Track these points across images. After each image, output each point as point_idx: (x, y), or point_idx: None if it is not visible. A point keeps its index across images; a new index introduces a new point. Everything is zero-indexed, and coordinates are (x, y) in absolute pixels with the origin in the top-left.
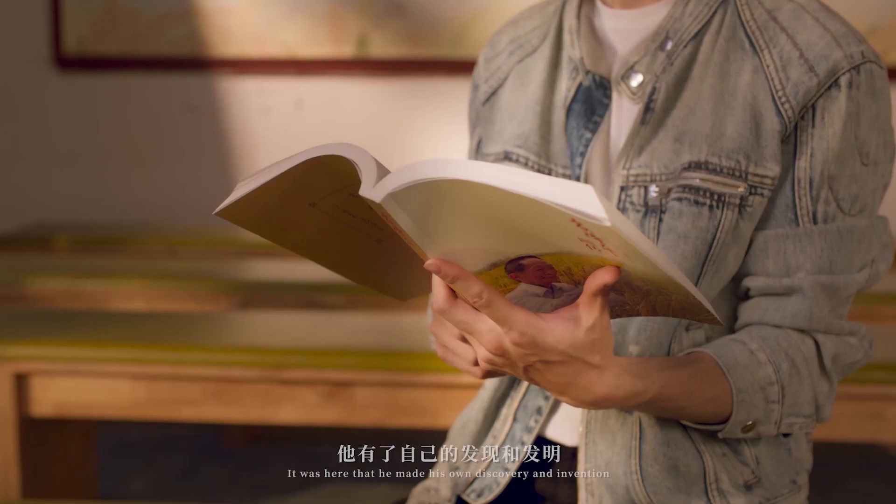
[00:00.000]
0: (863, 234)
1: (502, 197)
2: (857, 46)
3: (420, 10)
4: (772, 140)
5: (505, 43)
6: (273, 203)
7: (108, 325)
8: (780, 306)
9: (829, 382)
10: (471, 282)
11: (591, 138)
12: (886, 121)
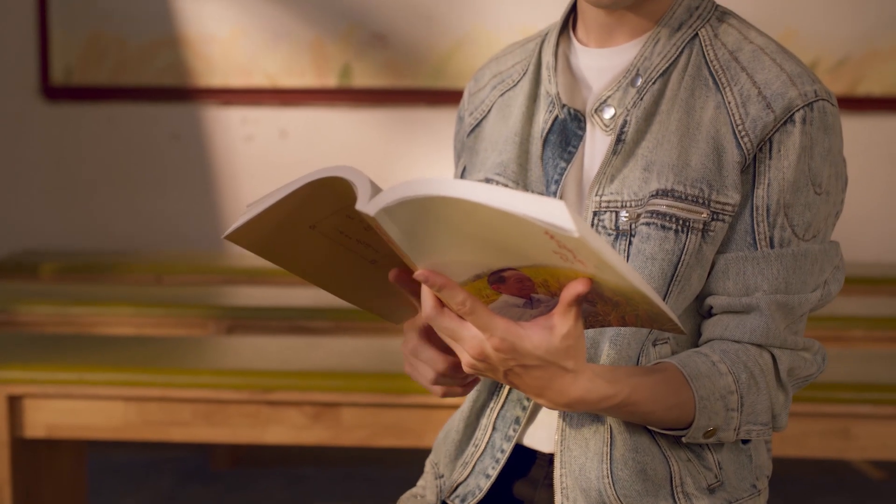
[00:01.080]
0: (816, 258)
1: (484, 212)
2: (810, 85)
3: (402, 42)
4: (732, 170)
5: (488, 77)
6: (276, 227)
7: (98, 349)
8: (739, 323)
9: (784, 394)
10: (456, 291)
11: (566, 167)
12: (838, 154)
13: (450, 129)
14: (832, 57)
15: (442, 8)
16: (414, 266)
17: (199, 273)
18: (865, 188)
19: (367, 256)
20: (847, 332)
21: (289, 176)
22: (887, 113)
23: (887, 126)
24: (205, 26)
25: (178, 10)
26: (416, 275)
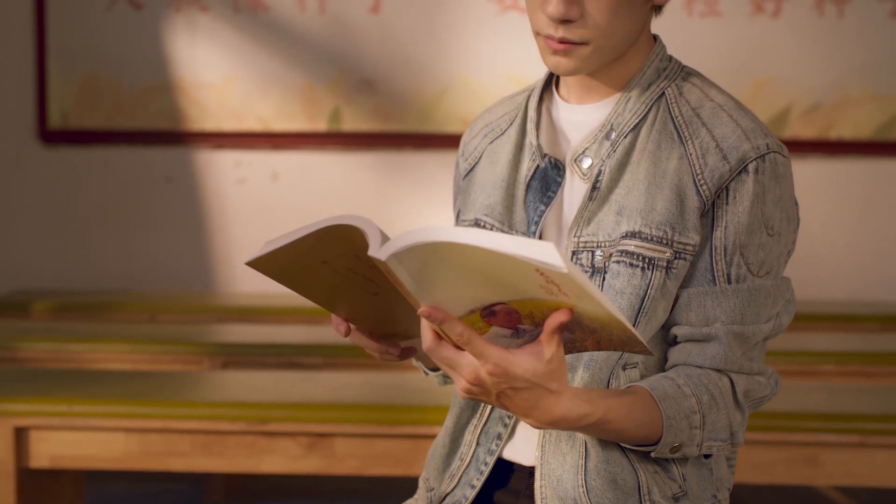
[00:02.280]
0: (768, 293)
1: (483, 254)
2: (763, 139)
3: (390, 87)
4: (693, 215)
5: (480, 127)
6: (293, 259)
7: (99, 383)
8: (701, 350)
9: (741, 413)
10: (454, 324)
11: (545, 210)
12: (789, 200)
13: (436, 171)
14: (805, 103)
15: (428, 56)
16: (416, 304)
17: (193, 312)
18: (838, 229)
19: (370, 290)
20: (818, 367)
21: (280, 217)
22: (858, 156)
23: (858, 169)
24: (199, 72)
25: (173, 56)
26: (420, 311)
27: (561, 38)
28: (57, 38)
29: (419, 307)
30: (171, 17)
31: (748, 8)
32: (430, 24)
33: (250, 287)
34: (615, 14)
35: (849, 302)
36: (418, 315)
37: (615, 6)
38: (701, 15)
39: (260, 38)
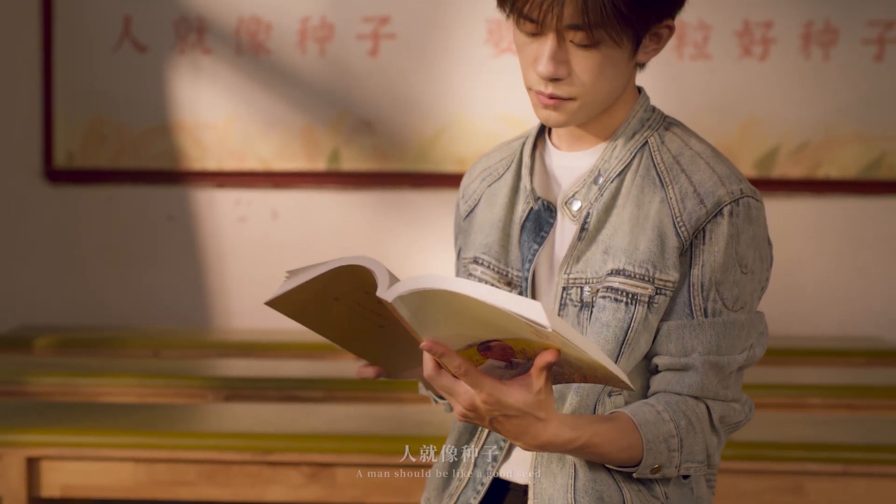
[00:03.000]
0: (742, 326)
1: (478, 304)
2: (737, 185)
3: (388, 128)
4: (673, 254)
5: (479, 171)
6: (308, 298)
7: (107, 415)
8: (679, 379)
9: (717, 437)
10: (453, 357)
11: (538, 249)
12: (762, 240)
13: (433, 210)
14: (792, 143)
15: (425, 97)
16: (419, 338)
17: (194, 347)
18: (826, 266)
19: (377, 323)
20: (805, 400)
21: (280, 255)
22: (845, 195)
23: (845, 207)
24: (201, 113)
25: (176, 98)
26: (422, 345)
27: (550, 95)
28: (63, 79)
29: (421, 341)
30: (174, 60)
31: (736, 51)
32: (427, 66)
33: (249, 323)
34: (600, 73)
35: (836, 337)
36: (422, 349)
37: (600, 66)
38: (691, 58)
39: (261, 79)
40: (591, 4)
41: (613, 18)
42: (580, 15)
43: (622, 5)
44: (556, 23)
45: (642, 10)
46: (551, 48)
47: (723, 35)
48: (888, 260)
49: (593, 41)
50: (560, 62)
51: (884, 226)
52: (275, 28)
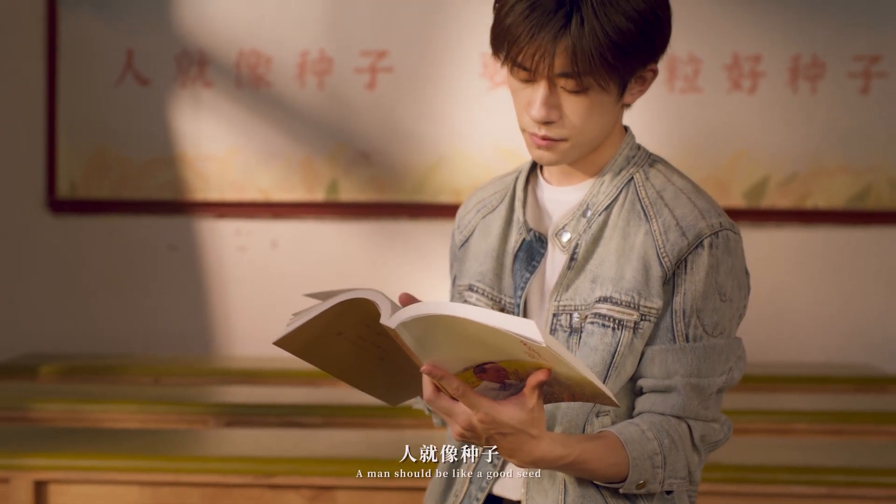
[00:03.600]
0: (722, 350)
1: (475, 326)
2: (716, 218)
3: (385, 159)
4: (656, 283)
5: (474, 203)
6: (313, 335)
7: (112, 440)
8: (663, 400)
9: (698, 455)
10: (451, 380)
11: (529, 278)
12: (740, 270)
13: (429, 240)
14: (781, 174)
15: (422, 129)
16: (419, 362)
17: (195, 374)
18: (815, 294)
19: (378, 355)
20: (792, 425)
21: (279, 284)
22: (832, 225)
23: (833, 237)
24: (203, 145)
25: (177, 130)
26: (423, 369)
27: (543, 136)
28: (67, 112)
29: (422, 365)
30: (176, 93)
31: (726, 84)
32: (423, 99)
33: (249, 350)
34: (588, 116)
35: (824, 364)
36: (421, 372)
37: (588, 110)
38: (682, 91)
39: (261, 112)
40: (579, 55)
41: (600, 67)
42: (570, 64)
43: (608, 55)
44: (547, 71)
45: (626, 58)
46: (543, 94)
47: (712, 69)
48: (875, 288)
49: (582, 87)
50: (552, 107)
51: (871, 255)
52: (274, 61)
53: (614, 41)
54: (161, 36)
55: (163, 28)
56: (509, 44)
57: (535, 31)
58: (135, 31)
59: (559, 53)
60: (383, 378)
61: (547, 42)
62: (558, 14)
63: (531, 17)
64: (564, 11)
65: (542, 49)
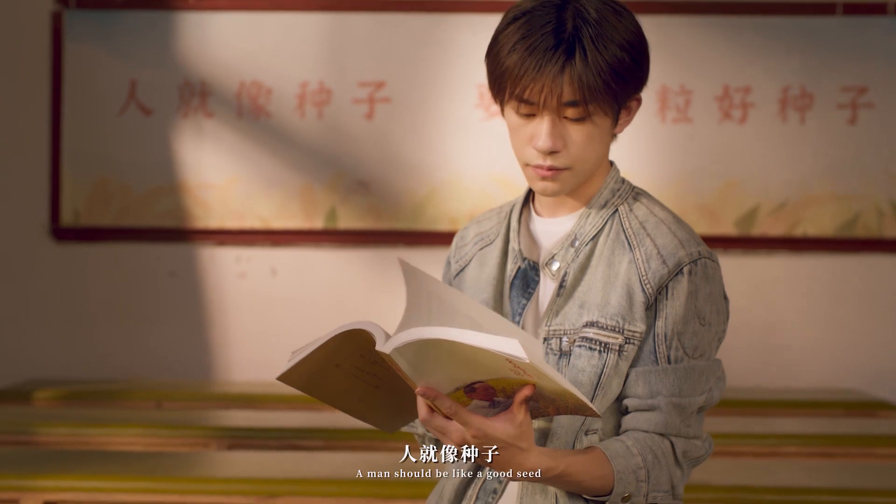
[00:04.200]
0: (702, 371)
1: (463, 347)
2: (695, 247)
3: (383, 188)
4: (640, 308)
5: (471, 235)
6: (313, 367)
7: (119, 462)
8: (647, 418)
9: (681, 470)
10: (444, 399)
11: (526, 304)
12: (718, 296)
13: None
14: (771, 202)
15: (419, 159)
16: (413, 385)
17: (196, 399)
18: (805, 321)
19: (373, 383)
20: (782, 448)
21: (278, 310)
22: (822, 252)
23: (823, 264)
24: (204, 174)
25: (179, 159)
26: (417, 391)
27: (549, 167)
28: (71, 141)
29: (416, 387)
30: (178, 123)
31: (717, 115)
32: (420, 129)
33: (249, 376)
34: (590, 143)
35: (816, 389)
36: (416, 394)
37: (590, 137)
38: (674, 121)
39: (261, 141)
40: (586, 82)
41: (604, 93)
42: (577, 92)
43: (610, 80)
44: (555, 102)
45: (624, 83)
46: (550, 125)
47: (704, 99)
48: (864, 314)
49: (587, 114)
50: (557, 136)
51: (860, 281)
52: (275, 92)
53: (614, 68)
54: (164, 67)
55: (165, 59)
56: (514, 82)
57: (542, 66)
58: (138, 62)
59: (566, 84)
60: (379, 406)
61: (554, 75)
62: (560, 49)
63: (534, 55)
64: (565, 47)
65: (551, 82)
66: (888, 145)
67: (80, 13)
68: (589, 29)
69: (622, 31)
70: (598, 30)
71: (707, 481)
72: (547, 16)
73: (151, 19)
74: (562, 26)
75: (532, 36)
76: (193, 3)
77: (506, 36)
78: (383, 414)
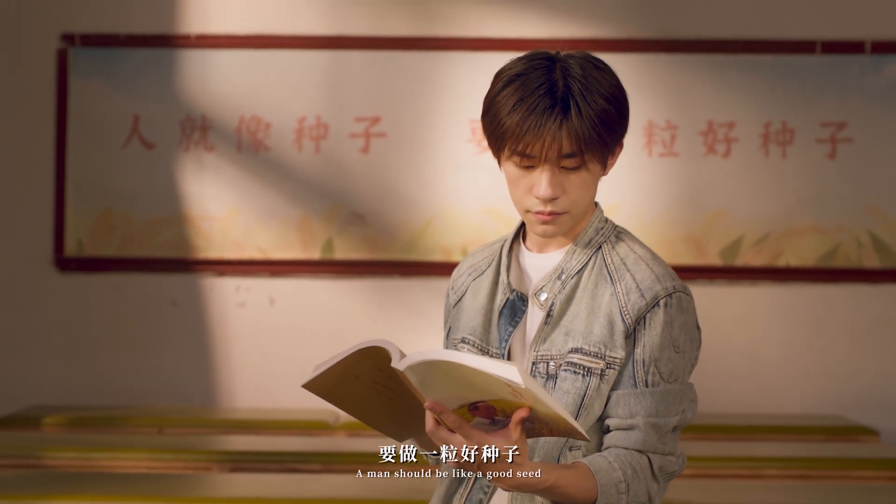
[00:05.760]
0: (676, 394)
1: (468, 370)
2: (670, 282)
3: (378, 219)
4: (620, 337)
5: (466, 268)
6: (335, 378)
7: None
8: (626, 436)
9: (657, 484)
10: (449, 414)
11: (512, 331)
12: (692, 326)
13: (421, 296)
14: (755, 234)
15: (414, 191)
16: (423, 399)
17: (197, 426)
18: (786, 348)
19: (388, 396)
20: (762, 471)
21: (277, 339)
22: (804, 282)
23: (804, 293)
24: (205, 206)
25: (181, 191)
26: (426, 405)
27: (549, 212)
28: (75, 174)
29: (425, 402)
30: (180, 156)
31: (701, 149)
32: (415, 163)
33: (249, 402)
34: (584, 188)
35: (797, 415)
36: (425, 408)
37: (584, 183)
38: (660, 154)
39: (261, 175)
40: (582, 135)
41: (597, 143)
42: (574, 144)
43: (602, 132)
44: (555, 155)
45: (613, 134)
46: (549, 175)
47: (688, 134)
48: (845, 342)
49: (583, 163)
50: (556, 185)
51: (840, 310)
52: (273, 127)
53: (603, 119)
54: (166, 102)
55: (168, 95)
56: (515, 140)
57: (542, 125)
58: (141, 97)
59: (564, 138)
60: (392, 417)
61: (554, 131)
62: (556, 108)
63: (534, 114)
64: (560, 105)
65: (551, 137)
66: (867, 179)
67: (85, 50)
68: (578, 85)
69: (606, 84)
70: (585, 84)
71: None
72: (539, 78)
73: (154, 56)
74: (554, 86)
75: (529, 98)
76: (195, 40)
77: (503, 98)
78: (394, 424)
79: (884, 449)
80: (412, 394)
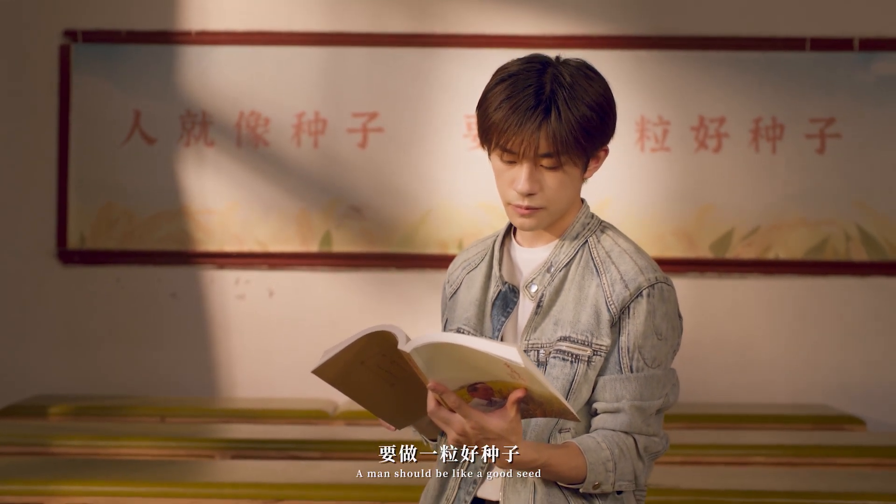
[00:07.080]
0: (660, 379)
1: (469, 351)
2: (653, 274)
3: (376, 213)
4: (605, 325)
5: (460, 262)
6: (343, 363)
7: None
8: (613, 419)
9: (642, 463)
10: (450, 395)
11: (504, 321)
12: (673, 315)
13: (417, 289)
14: (745, 227)
15: (410, 185)
16: (426, 381)
17: (198, 415)
18: (775, 340)
19: (390, 381)
20: (750, 458)
21: (276, 330)
22: (793, 275)
23: (793, 286)
24: (205, 200)
25: (181, 185)
26: (429, 385)
27: (527, 206)
28: (77, 168)
29: (428, 383)
30: (180, 151)
31: (693, 144)
32: (411, 158)
33: (248, 393)
34: (562, 188)
35: (786, 405)
36: (428, 388)
37: (562, 183)
38: (652, 150)
39: (260, 169)
40: (559, 138)
41: (574, 147)
42: (552, 145)
43: (580, 137)
44: (532, 153)
45: (592, 140)
46: (527, 172)
47: (680, 130)
48: (833, 333)
49: (560, 164)
50: (534, 181)
51: (829, 302)
52: (273, 122)
53: (583, 126)
54: (167, 98)
55: (168, 91)
56: (499, 135)
57: (522, 123)
58: (142, 93)
59: (542, 138)
60: (393, 404)
61: (533, 130)
62: (538, 109)
63: (517, 113)
64: (543, 107)
65: (529, 136)
66: (855, 173)
67: (87, 47)
68: (564, 92)
69: (592, 93)
70: (571, 92)
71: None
72: (529, 79)
73: (155, 53)
74: (541, 89)
75: (516, 96)
76: (195, 37)
77: (493, 94)
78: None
79: (869, 437)
80: (413, 379)
